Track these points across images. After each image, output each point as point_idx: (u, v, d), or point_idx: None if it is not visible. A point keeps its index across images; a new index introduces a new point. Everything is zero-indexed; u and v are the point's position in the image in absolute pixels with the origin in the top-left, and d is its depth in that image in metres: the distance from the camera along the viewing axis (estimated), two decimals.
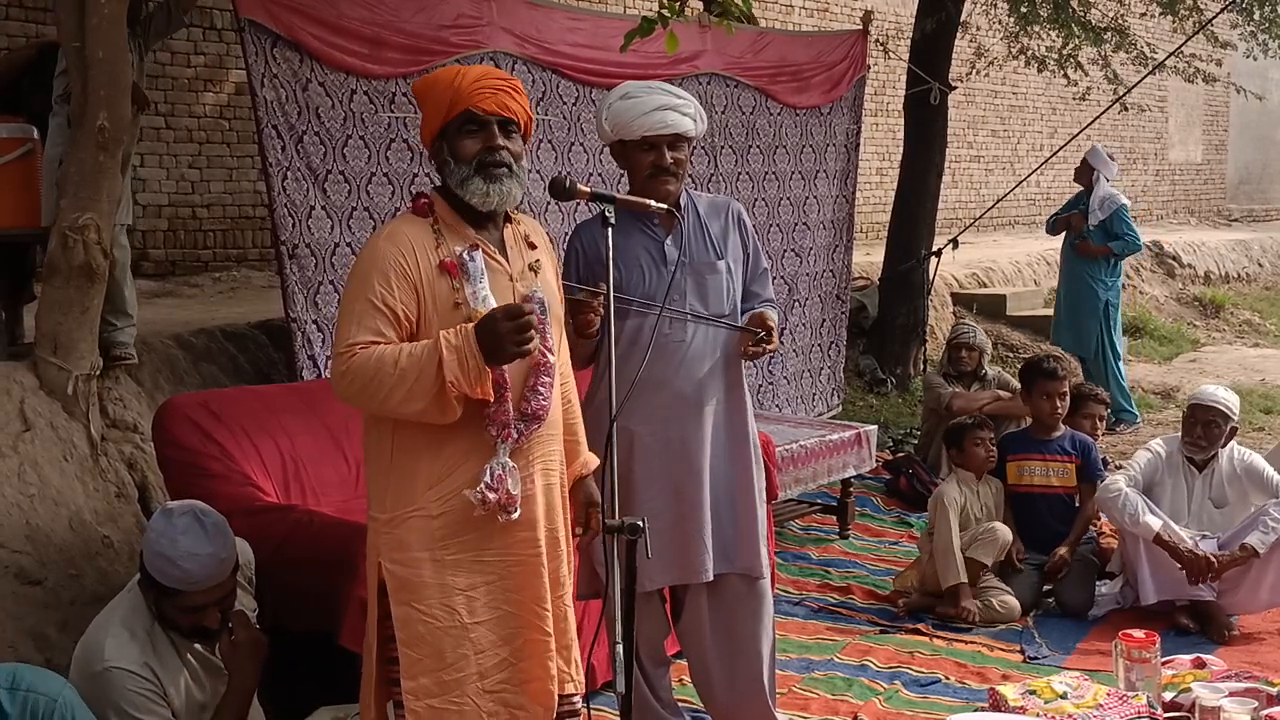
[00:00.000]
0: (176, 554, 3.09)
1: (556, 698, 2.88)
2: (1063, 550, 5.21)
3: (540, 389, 2.77)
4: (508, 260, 2.80)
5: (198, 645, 3.22)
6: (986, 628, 5.00)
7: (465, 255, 2.71)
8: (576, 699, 3.01)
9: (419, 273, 2.68)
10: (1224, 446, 5.09)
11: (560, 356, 2.91)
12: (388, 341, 2.64)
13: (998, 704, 3.81)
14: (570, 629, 2.96)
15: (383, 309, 2.65)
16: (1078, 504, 5.42)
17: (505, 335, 2.58)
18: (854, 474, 6.31)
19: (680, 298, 3.51)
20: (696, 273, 3.55)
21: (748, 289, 3.69)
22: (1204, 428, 5.05)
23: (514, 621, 2.79)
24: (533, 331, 2.61)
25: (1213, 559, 4.78)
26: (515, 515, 2.72)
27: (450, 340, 2.59)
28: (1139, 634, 3.87)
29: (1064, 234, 8.70)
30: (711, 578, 3.58)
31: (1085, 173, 8.60)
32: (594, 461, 3.14)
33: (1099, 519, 5.53)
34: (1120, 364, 8.66)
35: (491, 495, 2.68)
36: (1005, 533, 5.14)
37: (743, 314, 3.63)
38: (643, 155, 3.48)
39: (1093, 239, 8.44)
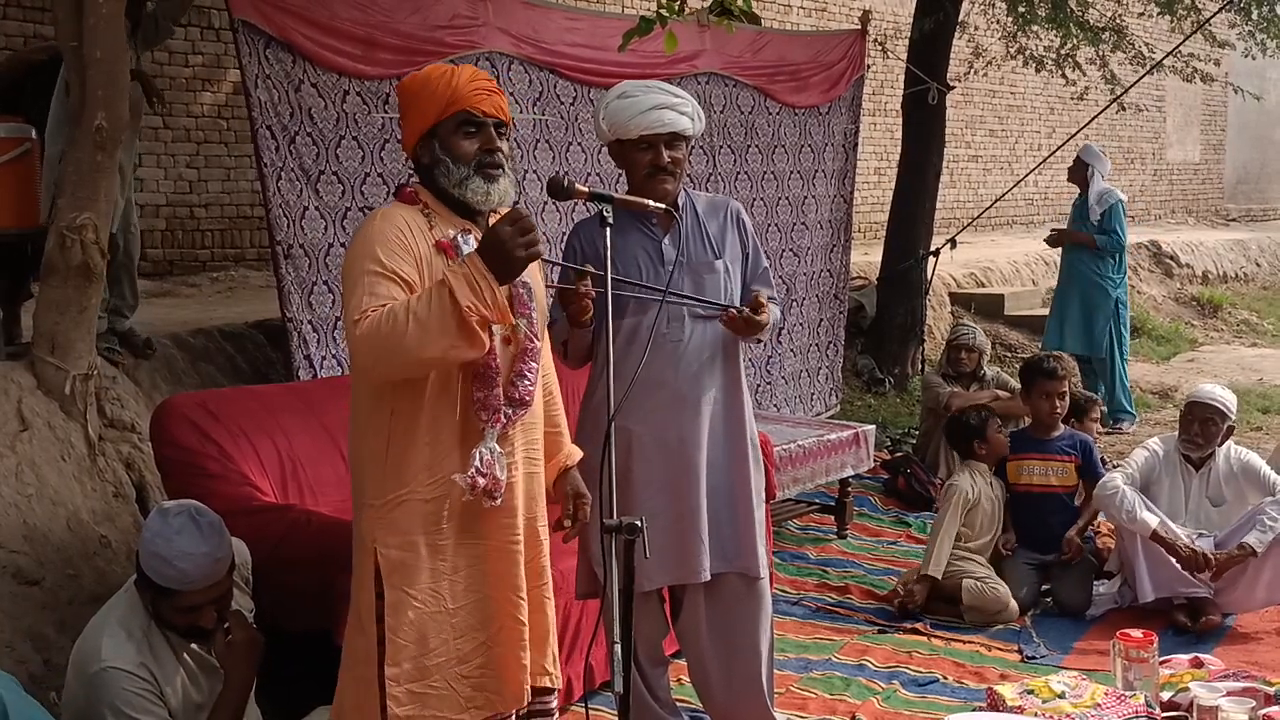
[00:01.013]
0: (172, 554, 3.08)
1: (528, 688, 2.89)
2: (1072, 533, 5.22)
3: (527, 374, 2.80)
4: None
5: (194, 645, 3.22)
6: (984, 627, 5.01)
7: (459, 238, 2.73)
8: (551, 700, 3.02)
9: (417, 248, 2.68)
10: (1221, 445, 5.10)
11: (543, 345, 2.92)
12: None
13: (995, 703, 3.81)
14: (548, 621, 2.97)
15: (390, 275, 2.62)
16: (1077, 502, 5.41)
17: (509, 241, 2.53)
18: (852, 474, 6.31)
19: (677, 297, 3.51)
20: (694, 272, 3.55)
21: (748, 288, 3.69)
22: (1201, 425, 5.06)
23: (489, 607, 2.82)
24: (536, 234, 2.56)
25: (1211, 556, 4.79)
26: (498, 501, 2.74)
27: (455, 269, 2.55)
28: (1137, 634, 3.88)
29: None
30: (709, 577, 3.57)
31: (1080, 170, 8.56)
32: (577, 454, 3.15)
33: (1097, 519, 5.53)
34: (1125, 364, 8.65)
35: (480, 480, 2.69)
36: (1004, 599, 5.07)
37: None
38: (640, 155, 3.48)
39: (1090, 232, 8.39)
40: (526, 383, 2.79)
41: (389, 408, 2.72)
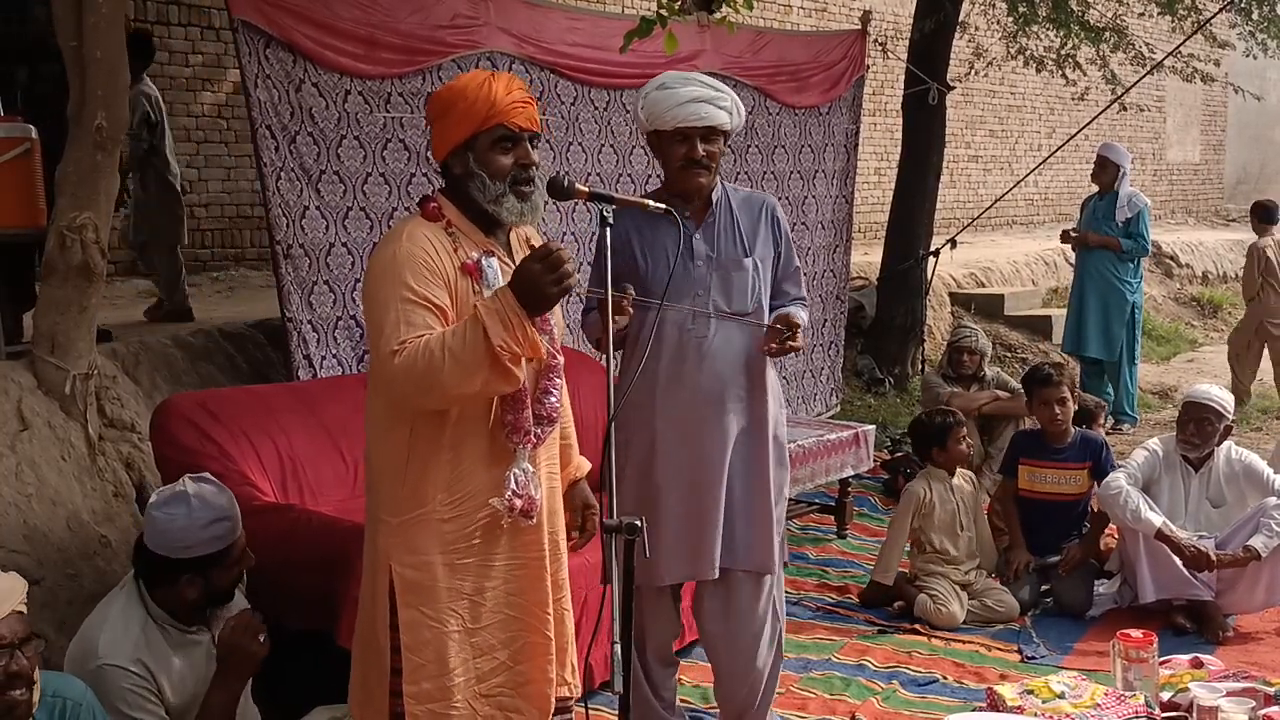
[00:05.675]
0: (200, 520, 3.13)
1: (553, 700, 2.88)
2: (1075, 549, 5.21)
3: (552, 390, 2.79)
4: (515, 263, 2.79)
5: (193, 638, 3.20)
6: (984, 628, 5.01)
7: (482, 260, 2.71)
8: (570, 709, 3.01)
9: (444, 271, 2.65)
10: (1219, 445, 5.09)
11: (562, 360, 2.91)
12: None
13: (995, 704, 3.81)
14: (568, 632, 2.96)
15: (423, 303, 2.59)
16: (1090, 507, 5.37)
17: (539, 277, 2.50)
18: (852, 474, 6.30)
19: (704, 293, 3.50)
20: (723, 268, 3.53)
21: (778, 286, 3.67)
22: (1196, 425, 5.05)
23: (516, 625, 2.80)
24: (568, 267, 2.52)
25: (1214, 557, 4.78)
26: (534, 520, 2.75)
27: (489, 304, 2.53)
28: (1137, 634, 3.88)
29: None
30: (718, 574, 3.59)
31: (1108, 170, 8.36)
32: (587, 466, 3.15)
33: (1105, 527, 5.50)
34: (1135, 368, 8.62)
35: (518, 501, 2.69)
36: (954, 619, 5.03)
37: (771, 311, 3.60)
38: (676, 146, 3.46)
39: (1113, 233, 8.29)
40: (552, 399, 2.78)
41: (408, 425, 2.68)
